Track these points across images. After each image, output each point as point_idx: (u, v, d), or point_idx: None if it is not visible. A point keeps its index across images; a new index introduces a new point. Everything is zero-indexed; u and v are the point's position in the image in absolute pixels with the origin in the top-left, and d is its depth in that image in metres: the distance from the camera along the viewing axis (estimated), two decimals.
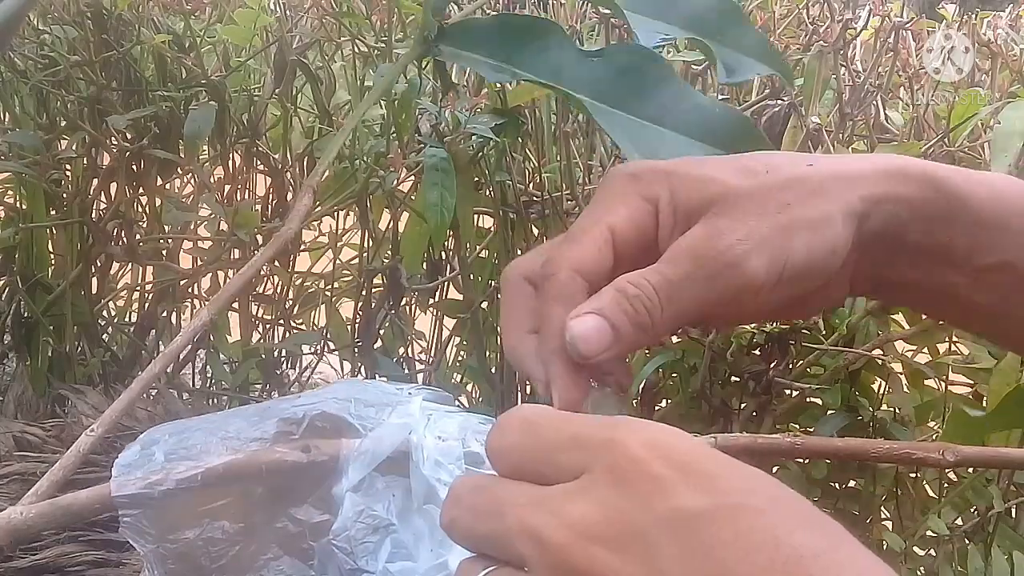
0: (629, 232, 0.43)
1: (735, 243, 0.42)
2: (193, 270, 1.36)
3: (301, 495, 0.39)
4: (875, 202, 0.44)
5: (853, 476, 1.15)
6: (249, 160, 1.33)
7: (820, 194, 0.43)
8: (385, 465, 0.39)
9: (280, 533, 0.39)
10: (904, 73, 1.14)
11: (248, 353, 1.36)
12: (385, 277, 1.27)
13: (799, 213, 0.43)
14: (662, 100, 0.56)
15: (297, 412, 0.40)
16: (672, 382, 1.21)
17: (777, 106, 1.08)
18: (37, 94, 1.29)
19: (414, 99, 1.11)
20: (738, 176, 0.43)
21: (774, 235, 0.42)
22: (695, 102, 0.57)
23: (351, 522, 0.38)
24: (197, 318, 0.50)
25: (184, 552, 0.38)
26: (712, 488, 0.32)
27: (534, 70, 0.58)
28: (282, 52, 1.21)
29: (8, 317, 1.39)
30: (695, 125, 0.55)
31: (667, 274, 0.41)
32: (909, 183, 0.44)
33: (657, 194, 0.43)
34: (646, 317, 0.41)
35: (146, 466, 0.38)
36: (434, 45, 0.61)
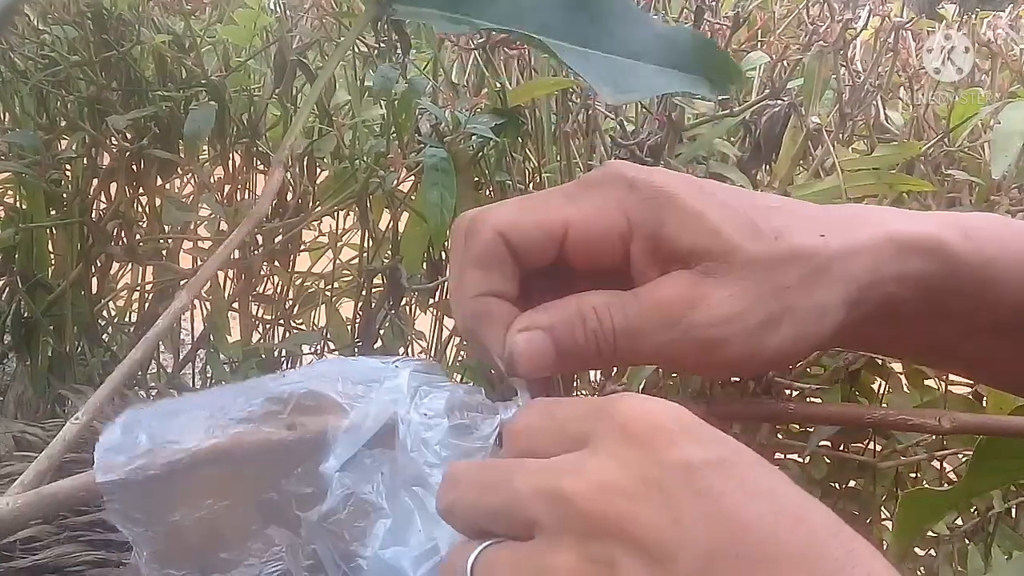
0: (587, 232, 0.40)
1: (716, 324, 0.39)
2: (193, 270, 1.36)
3: (287, 469, 0.39)
4: (871, 285, 0.41)
5: (853, 476, 1.15)
6: (249, 160, 1.33)
7: (823, 278, 0.40)
8: (372, 439, 0.39)
9: (266, 504, 0.39)
10: (904, 73, 1.14)
11: (248, 353, 1.36)
12: (385, 277, 1.27)
13: (795, 301, 0.40)
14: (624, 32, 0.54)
15: (283, 391, 0.40)
16: (672, 382, 1.21)
17: (777, 106, 1.08)
18: (37, 94, 1.29)
19: (414, 99, 1.11)
20: (743, 235, 0.40)
21: (763, 325, 0.39)
22: (655, 30, 0.55)
23: (340, 504, 0.38)
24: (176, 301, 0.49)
25: (171, 533, 0.38)
26: (709, 441, 0.33)
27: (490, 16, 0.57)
28: (282, 52, 1.21)
29: (8, 317, 1.39)
30: (658, 52, 0.54)
31: (634, 322, 0.39)
32: (916, 259, 0.42)
33: (643, 218, 0.40)
34: (596, 353, 0.39)
35: (130, 450, 0.38)
36: (388, 5, 0.60)
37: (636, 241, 0.40)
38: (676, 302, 0.39)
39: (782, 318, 0.40)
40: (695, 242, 0.39)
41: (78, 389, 1.12)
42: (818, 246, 0.41)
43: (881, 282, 0.42)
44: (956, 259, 0.42)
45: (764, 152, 1.10)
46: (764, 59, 1.14)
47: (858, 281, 0.41)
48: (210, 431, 0.38)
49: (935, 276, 0.42)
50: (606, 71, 0.54)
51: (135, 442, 0.38)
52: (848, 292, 0.41)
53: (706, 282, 0.39)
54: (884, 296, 0.42)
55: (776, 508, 0.31)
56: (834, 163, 0.99)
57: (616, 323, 0.39)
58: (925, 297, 0.43)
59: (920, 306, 0.43)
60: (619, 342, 0.40)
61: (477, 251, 0.40)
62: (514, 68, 1.17)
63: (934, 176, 1.08)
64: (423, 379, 0.41)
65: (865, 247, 0.41)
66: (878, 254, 0.41)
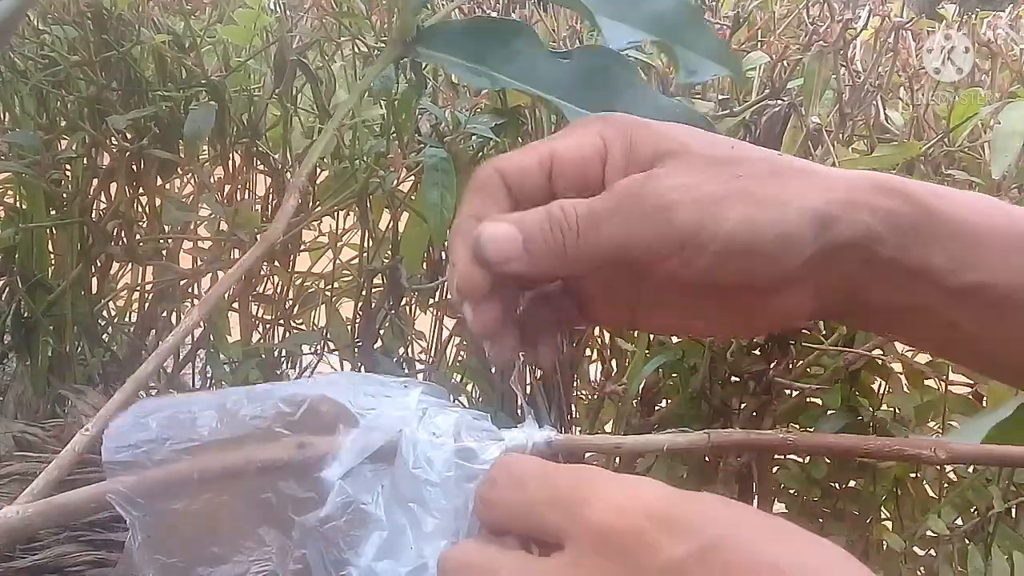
0: (570, 159, 0.43)
1: (668, 190, 0.41)
2: (193, 270, 1.36)
3: (288, 473, 0.39)
4: (844, 206, 0.42)
5: (853, 476, 1.16)
6: (249, 160, 1.33)
7: (779, 179, 0.42)
8: (375, 455, 0.39)
9: (264, 504, 0.39)
10: (904, 73, 1.14)
11: (248, 353, 1.36)
12: (385, 277, 1.27)
13: (749, 186, 0.41)
14: (627, 101, 0.59)
15: (297, 395, 0.40)
16: (672, 382, 1.21)
17: (777, 106, 1.08)
18: (37, 94, 1.29)
19: (414, 99, 1.11)
20: (701, 142, 0.43)
21: (714, 197, 0.41)
22: (657, 103, 0.60)
23: (339, 512, 0.38)
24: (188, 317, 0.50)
25: (168, 521, 0.38)
26: (689, 531, 0.33)
27: (508, 72, 0.61)
28: (282, 52, 1.21)
29: (8, 317, 1.39)
30: None
31: (595, 206, 0.42)
32: (882, 194, 0.43)
33: (615, 136, 0.44)
34: (560, 240, 0.41)
35: (140, 434, 0.38)
36: (412, 47, 0.62)
37: (610, 160, 0.43)
38: (634, 182, 0.42)
39: (737, 197, 0.41)
40: (657, 147, 0.43)
41: (78, 389, 1.12)
42: (776, 159, 0.43)
43: (851, 205, 0.42)
44: (928, 206, 0.43)
45: None
46: (764, 59, 1.14)
47: (824, 194, 0.42)
48: (221, 428, 0.39)
49: (907, 216, 0.43)
50: None
51: (145, 427, 0.39)
52: (811, 201, 0.42)
53: (662, 169, 0.42)
54: (858, 225, 0.42)
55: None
56: (834, 163, 0.99)
57: (579, 212, 0.41)
58: (901, 240, 0.43)
59: (897, 251, 0.43)
60: (582, 231, 0.41)
61: (475, 184, 0.44)
62: None
63: (934, 176, 1.09)
64: (431, 401, 0.41)
65: (824, 174, 0.43)
66: (837, 182, 0.43)
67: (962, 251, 0.43)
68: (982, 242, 0.43)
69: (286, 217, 0.58)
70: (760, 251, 0.41)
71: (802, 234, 0.41)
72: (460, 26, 0.66)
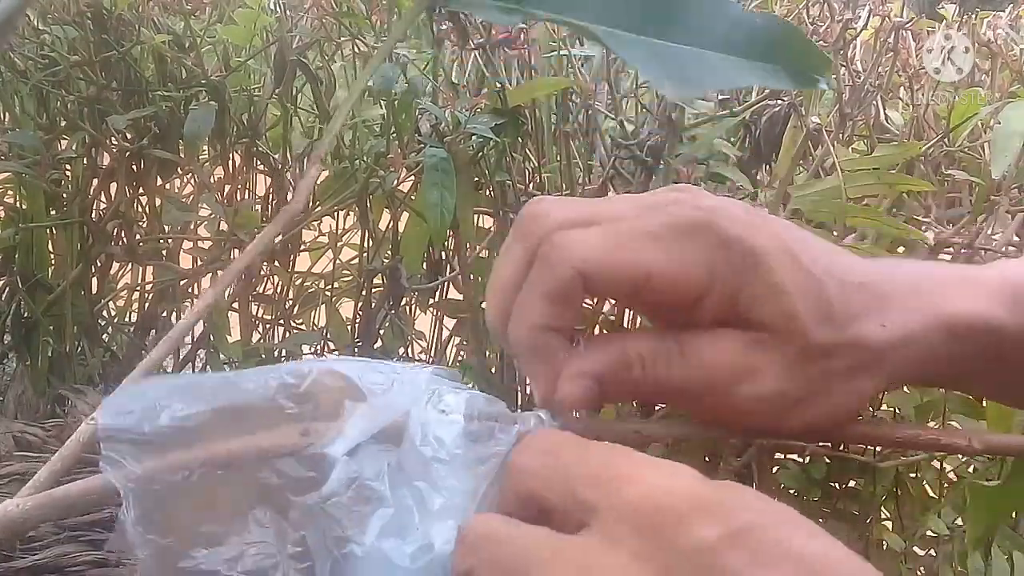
0: (663, 287, 0.39)
1: (757, 398, 0.40)
2: (193, 270, 1.36)
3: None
4: (921, 367, 0.43)
5: (853, 476, 1.15)
6: (249, 160, 1.33)
7: (871, 368, 0.42)
8: (382, 434, 0.38)
9: (262, 484, 0.38)
10: (904, 73, 1.14)
11: (248, 353, 1.36)
12: (385, 277, 1.27)
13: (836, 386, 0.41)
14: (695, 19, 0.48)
15: (303, 367, 0.39)
16: None
17: (777, 106, 1.08)
18: (37, 94, 1.29)
19: (414, 99, 1.11)
20: (815, 319, 0.40)
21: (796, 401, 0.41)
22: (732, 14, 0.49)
23: (343, 488, 0.37)
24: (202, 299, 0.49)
25: (164, 495, 0.37)
26: (722, 514, 0.32)
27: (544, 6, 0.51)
28: (282, 52, 1.21)
29: (8, 317, 1.39)
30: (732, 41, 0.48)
31: (677, 377, 0.40)
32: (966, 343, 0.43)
33: (726, 281, 0.40)
34: (634, 397, 0.41)
35: (138, 403, 0.38)
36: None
37: (712, 296, 0.40)
38: (724, 369, 0.40)
39: (819, 399, 0.41)
40: (766, 318, 0.40)
41: (78, 389, 1.12)
42: (878, 338, 0.41)
43: (927, 364, 0.43)
44: (1003, 334, 0.43)
45: (764, 152, 1.10)
46: None
47: (905, 370, 0.42)
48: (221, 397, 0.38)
49: (980, 357, 0.43)
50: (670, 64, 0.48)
51: (143, 396, 0.38)
52: (891, 378, 0.42)
53: (757, 354, 0.40)
54: (925, 375, 0.43)
55: (786, 573, 0.31)
56: (834, 163, 0.99)
57: (659, 375, 0.40)
58: (963, 373, 0.44)
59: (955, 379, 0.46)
60: (660, 393, 0.41)
61: (551, 286, 0.39)
62: (514, 68, 1.17)
63: (934, 176, 1.09)
64: (443, 382, 0.41)
65: (917, 336, 0.42)
66: (929, 344, 0.42)
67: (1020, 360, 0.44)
68: None
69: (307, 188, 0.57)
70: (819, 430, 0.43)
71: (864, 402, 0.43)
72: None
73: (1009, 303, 0.43)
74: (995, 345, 0.43)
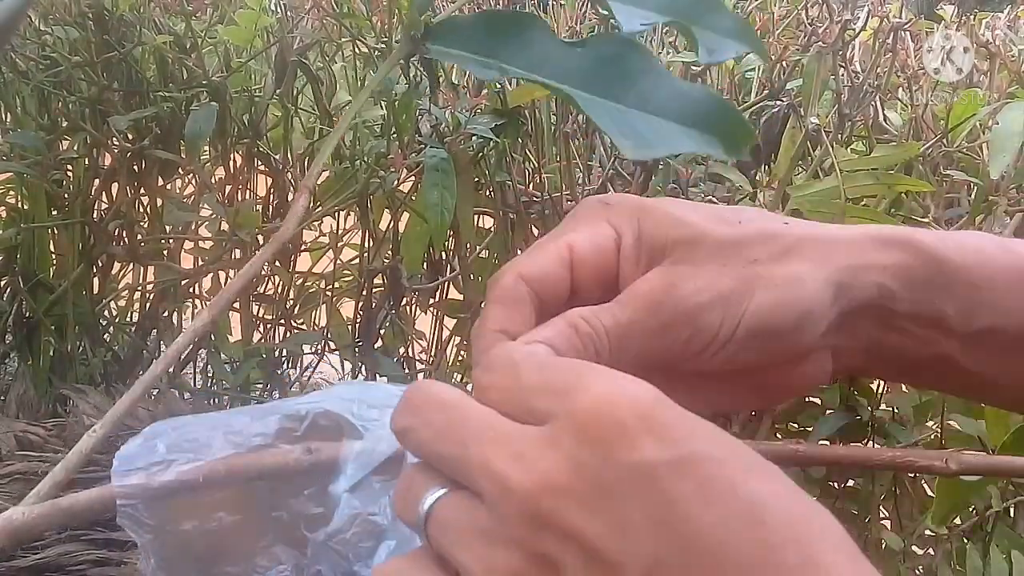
0: (588, 252, 0.42)
1: (692, 293, 0.41)
2: (194, 270, 1.37)
3: (298, 488, 0.39)
4: (857, 271, 0.43)
5: (852, 475, 1.16)
6: (250, 160, 1.34)
7: (794, 253, 0.42)
8: (382, 466, 0.39)
9: (276, 522, 0.39)
10: (903, 74, 1.15)
11: (249, 353, 1.36)
12: (385, 277, 1.27)
13: (767, 270, 0.42)
14: (644, 87, 0.56)
15: (300, 410, 0.40)
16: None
17: (776, 107, 1.08)
18: (39, 95, 1.29)
19: (415, 100, 1.12)
20: (710, 221, 0.43)
21: (735, 288, 0.41)
22: (677, 88, 0.57)
23: (347, 524, 0.38)
24: (198, 319, 0.50)
25: (181, 541, 0.39)
26: (672, 438, 0.32)
27: (520, 64, 0.59)
28: (283, 53, 1.22)
29: (10, 317, 1.40)
30: (679, 110, 0.55)
31: (620, 318, 0.41)
32: (891, 250, 0.43)
33: (624, 224, 0.43)
34: (594, 357, 0.40)
35: (148, 457, 0.39)
36: (421, 43, 0.62)
37: (623, 250, 0.42)
38: (656, 288, 0.41)
39: (755, 284, 0.41)
40: (667, 234, 0.42)
41: (80, 389, 1.12)
42: (783, 230, 0.43)
43: (862, 268, 0.43)
44: (936, 254, 0.43)
45: (763, 152, 1.11)
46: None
47: (835, 261, 0.42)
48: (227, 446, 0.39)
49: (918, 269, 0.43)
50: (627, 125, 0.55)
51: (153, 450, 0.39)
52: (827, 270, 0.42)
53: (679, 266, 0.42)
54: (870, 287, 0.43)
55: (732, 512, 0.31)
56: (833, 164, 0.99)
57: (606, 324, 0.41)
58: (915, 294, 0.43)
59: (912, 305, 0.43)
60: (612, 342, 0.40)
61: (499, 294, 0.42)
62: None
63: (932, 176, 1.09)
64: None
65: (832, 238, 0.43)
66: (852, 241, 0.43)
67: (971, 296, 0.44)
68: (991, 285, 0.44)
69: (297, 217, 0.58)
70: (783, 332, 0.42)
71: (820, 308, 0.42)
72: (469, 20, 0.64)
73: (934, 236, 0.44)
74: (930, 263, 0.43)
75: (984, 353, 0.45)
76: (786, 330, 0.42)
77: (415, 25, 0.62)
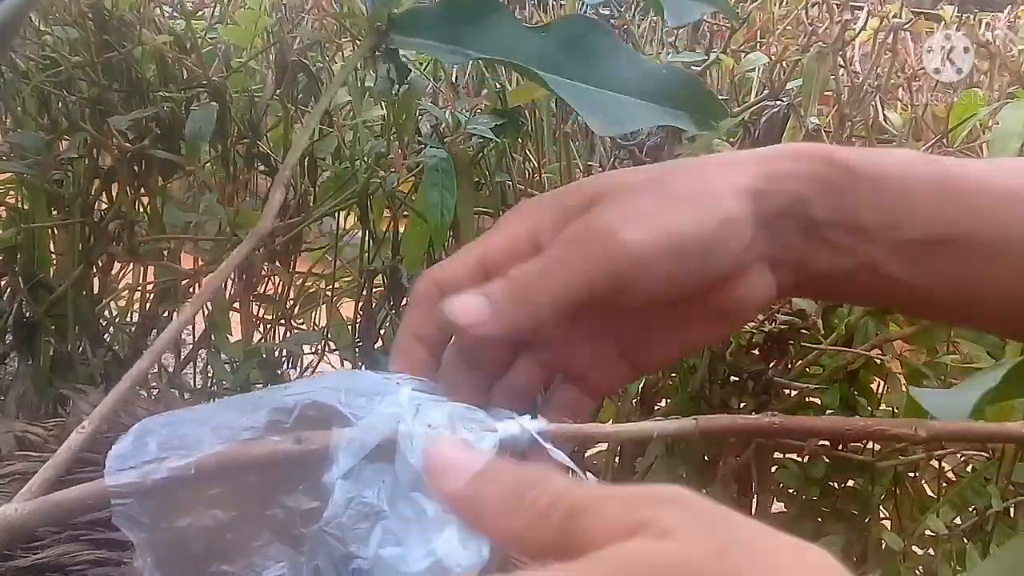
0: (500, 252, 0.44)
1: (609, 219, 0.42)
2: (194, 270, 1.37)
3: (292, 484, 0.39)
4: (768, 179, 0.44)
5: (852, 475, 1.16)
6: (250, 161, 1.34)
7: (703, 175, 0.44)
8: (374, 453, 0.39)
9: (271, 520, 0.39)
10: (903, 74, 1.15)
11: (249, 353, 1.36)
12: (385, 277, 1.27)
13: (679, 189, 0.43)
14: (610, 66, 0.57)
15: (288, 402, 0.40)
16: (672, 382, 1.21)
17: (776, 107, 1.08)
18: (39, 95, 1.29)
19: (414, 100, 1.12)
20: (624, 173, 0.45)
21: (651, 208, 0.42)
22: (643, 66, 0.58)
23: (342, 509, 0.38)
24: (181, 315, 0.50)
25: (177, 540, 0.39)
26: None
27: (484, 48, 0.60)
28: (283, 53, 1.22)
29: (10, 317, 1.40)
30: (648, 88, 0.56)
31: (548, 255, 0.42)
32: (799, 160, 0.44)
33: (543, 208, 0.44)
34: (524, 290, 0.41)
35: (139, 456, 0.39)
36: (386, 35, 0.62)
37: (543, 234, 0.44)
38: (575, 225, 0.42)
39: (671, 200, 0.43)
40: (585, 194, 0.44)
41: (80, 389, 1.12)
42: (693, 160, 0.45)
43: (775, 177, 0.44)
44: (848, 164, 0.44)
45: None
46: (763, 60, 1.14)
47: (748, 172, 0.43)
48: (217, 441, 0.39)
49: (831, 177, 0.44)
50: (596, 104, 0.56)
51: (145, 448, 0.39)
52: (735, 182, 0.43)
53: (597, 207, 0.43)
54: (785, 193, 0.44)
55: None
56: None
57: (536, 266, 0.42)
58: (830, 201, 0.44)
59: (830, 212, 0.44)
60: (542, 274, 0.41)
61: (414, 296, 0.45)
62: None
63: None
64: (423, 396, 0.41)
65: (739, 159, 0.45)
66: (764, 155, 0.45)
67: (892, 205, 0.44)
68: (912, 195, 0.44)
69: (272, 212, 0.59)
70: (710, 242, 0.42)
71: (741, 214, 0.43)
72: (432, 9, 0.64)
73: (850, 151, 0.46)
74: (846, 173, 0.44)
75: (909, 263, 0.45)
76: (713, 239, 0.42)
77: (380, 16, 0.62)
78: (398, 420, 0.39)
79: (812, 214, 0.44)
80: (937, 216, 0.44)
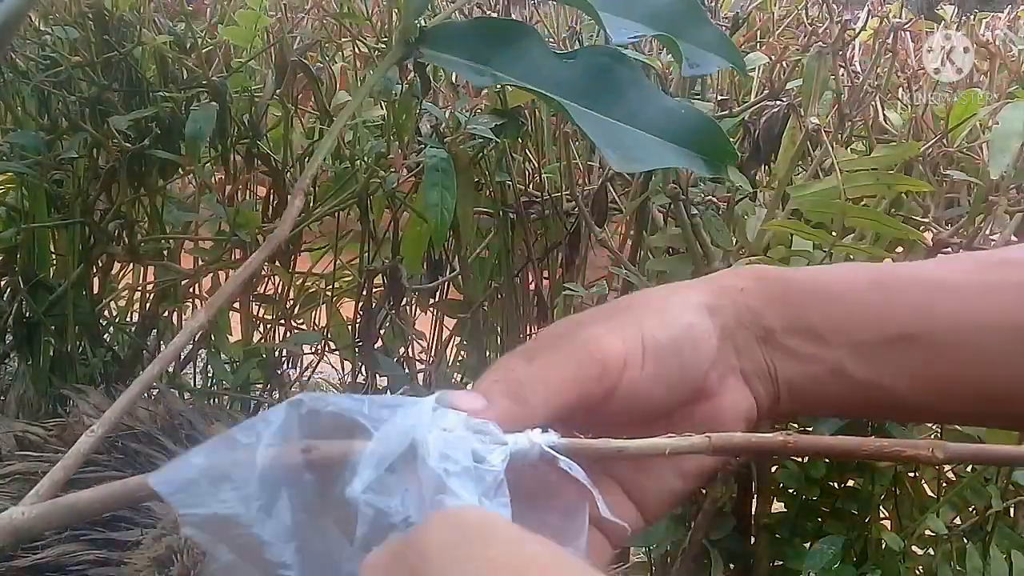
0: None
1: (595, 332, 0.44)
2: (194, 270, 1.37)
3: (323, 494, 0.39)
4: (717, 295, 0.46)
5: (852, 475, 1.16)
6: (250, 161, 1.34)
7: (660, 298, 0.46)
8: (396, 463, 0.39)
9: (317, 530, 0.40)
10: (903, 74, 1.15)
11: (249, 353, 1.36)
12: (385, 277, 1.27)
13: (643, 308, 0.45)
14: (632, 101, 0.58)
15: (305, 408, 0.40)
16: None
17: (776, 107, 1.08)
18: (39, 95, 1.30)
19: (414, 100, 1.12)
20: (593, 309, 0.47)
21: (625, 322, 0.44)
22: (663, 104, 0.59)
23: (370, 527, 0.38)
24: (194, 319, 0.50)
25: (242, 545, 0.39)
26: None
27: (512, 72, 0.60)
28: (283, 53, 1.22)
29: (10, 317, 1.40)
30: (665, 126, 0.57)
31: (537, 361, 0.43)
32: (741, 278, 0.47)
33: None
34: (516, 388, 0.42)
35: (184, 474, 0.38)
36: (415, 48, 0.62)
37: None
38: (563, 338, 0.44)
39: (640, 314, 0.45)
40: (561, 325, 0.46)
41: (80, 389, 1.12)
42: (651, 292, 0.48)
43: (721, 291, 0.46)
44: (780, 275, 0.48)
45: (763, 153, 1.10)
46: (763, 60, 1.14)
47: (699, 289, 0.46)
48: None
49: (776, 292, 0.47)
50: (615, 138, 0.57)
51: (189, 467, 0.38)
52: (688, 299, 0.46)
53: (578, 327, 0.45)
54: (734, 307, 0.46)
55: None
56: (833, 164, 0.99)
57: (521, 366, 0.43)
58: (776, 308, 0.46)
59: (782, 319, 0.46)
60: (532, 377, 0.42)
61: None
62: None
63: (932, 176, 1.09)
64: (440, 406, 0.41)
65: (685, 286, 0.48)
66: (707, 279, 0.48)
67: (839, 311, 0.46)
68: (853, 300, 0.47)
69: (291, 219, 0.59)
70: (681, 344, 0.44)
71: (701, 323, 0.45)
72: (463, 27, 0.65)
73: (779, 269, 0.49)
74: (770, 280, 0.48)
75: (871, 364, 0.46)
76: (683, 341, 0.44)
77: (410, 29, 0.62)
78: (417, 427, 0.39)
79: (767, 324, 0.46)
80: (886, 317, 0.46)
